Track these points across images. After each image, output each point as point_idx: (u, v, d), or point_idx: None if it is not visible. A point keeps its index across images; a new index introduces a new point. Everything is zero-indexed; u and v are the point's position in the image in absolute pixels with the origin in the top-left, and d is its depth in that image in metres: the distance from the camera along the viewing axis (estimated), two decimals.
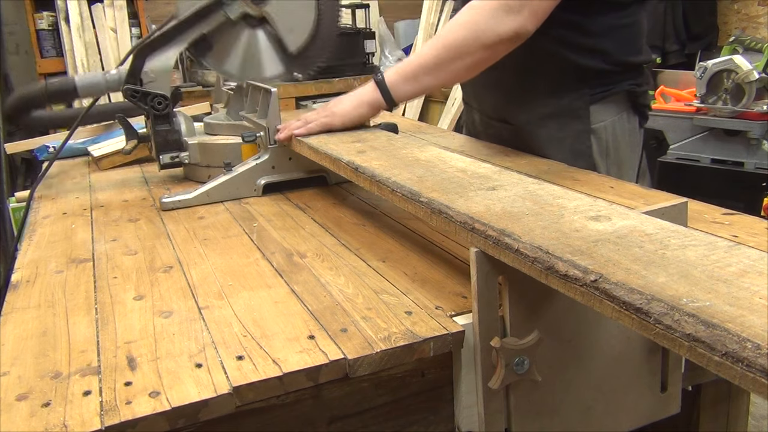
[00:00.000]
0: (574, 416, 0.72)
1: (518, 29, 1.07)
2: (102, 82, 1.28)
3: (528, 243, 0.59)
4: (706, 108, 2.85)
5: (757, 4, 3.50)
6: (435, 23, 3.84)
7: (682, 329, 0.44)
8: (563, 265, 0.55)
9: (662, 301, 0.47)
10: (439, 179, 0.83)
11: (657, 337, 0.46)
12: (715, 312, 0.44)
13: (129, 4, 3.49)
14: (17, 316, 0.77)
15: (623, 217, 0.64)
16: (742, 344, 0.41)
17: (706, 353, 0.43)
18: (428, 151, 0.99)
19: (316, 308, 0.74)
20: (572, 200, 0.70)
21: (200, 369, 0.63)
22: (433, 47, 1.13)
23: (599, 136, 1.25)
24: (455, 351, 0.69)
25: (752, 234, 0.88)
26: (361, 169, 0.92)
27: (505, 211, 0.68)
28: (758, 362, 0.40)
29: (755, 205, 2.65)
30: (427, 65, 1.12)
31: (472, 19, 1.09)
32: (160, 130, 1.27)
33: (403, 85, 1.14)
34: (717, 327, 0.43)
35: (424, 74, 1.13)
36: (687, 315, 0.45)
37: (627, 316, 0.48)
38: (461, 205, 0.72)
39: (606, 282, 0.51)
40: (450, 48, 1.10)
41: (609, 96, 1.24)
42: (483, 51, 1.09)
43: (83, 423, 0.55)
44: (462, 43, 1.09)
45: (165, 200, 1.16)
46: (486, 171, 0.86)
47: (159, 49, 1.23)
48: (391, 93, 1.14)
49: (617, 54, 1.22)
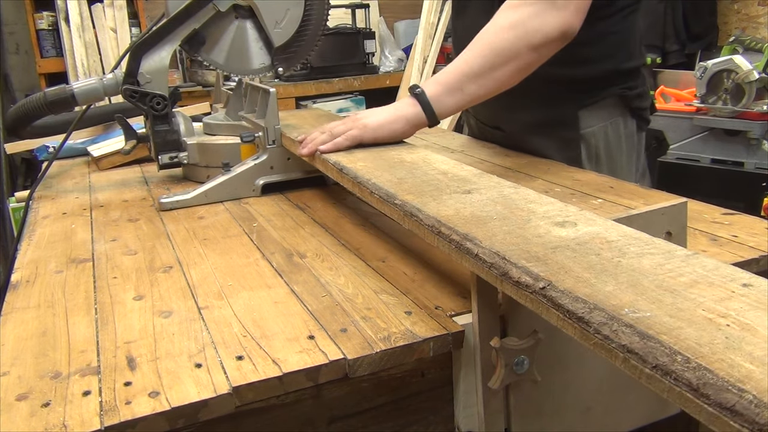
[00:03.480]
0: (574, 416, 0.72)
1: (565, 26, 1.01)
2: (99, 88, 1.28)
3: (487, 248, 0.59)
4: (706, 108, 2.85)
5: (757, 4, 3.50)
6: (435, 23, 3.84)
7: (618, 340, 0.44)
8: (516, 271, 0.54)
9: (604, 311, 0.46)
10: (419, 181, 0.83)
11: (596, 347, 0.46)
12: (653, 323, 0.44)
13: (129, 4, 3.49)
14: (17, 316, 0.77)
15: (589, 223, 0.63)
16: (672, 357, 0.40)
17: (638, 365, 0.42)
18: (415, 153, 0.98)
19: (316, 308, 0.74)
20: (544, 205, 0.70)
21: (200, 369, 0.63)
22: (477, 51, 1.03)
23: (588, 142, 1.24)
24: (455, 351, 0.69)
25: (752, 234, 0.88)
26: (345, 170, 0.92)
27: (473, 216, 0.68)
28: (685, 376, 0.39)
29: (755, 205, 2.65)
30: (472, 72, 1.02)
31: (516, 18, 1.01)
32: (159, 131, 1.27)
33: (446, 96, 1.03)
34: (651, 339, 0.42)
35: (470, 82, 1.02)
36: (625, 325, 0.44)
37: (570, 325, 0.48)
38: (432, 209, 0.72)
39: (553, 290, 0.50)
40: (496, 51, 1.01)
41: (599, 101, 1.22)
42: (531, 53, 1.01)
43: (83, 423, 0.55)
44: (509, 46, 1.01)
45: (163, 200, 1.16)
46: (466, 174, 0.85)
47: (153, 48, 1.22)
48: (432, 107, 1.02)
49: (606, 62, 1.20)
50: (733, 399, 0.36)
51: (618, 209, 0.98)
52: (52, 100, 1.29)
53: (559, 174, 1.19)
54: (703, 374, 0.38)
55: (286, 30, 1.29)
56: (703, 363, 0.39)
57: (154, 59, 1.23)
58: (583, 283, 0.51)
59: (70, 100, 1.28)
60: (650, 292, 0.48)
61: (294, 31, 1.30)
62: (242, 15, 1.29)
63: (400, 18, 4.25)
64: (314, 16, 1.31)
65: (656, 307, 0.46)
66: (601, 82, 1.21)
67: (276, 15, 1.28)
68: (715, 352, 0.40)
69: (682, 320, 0.44)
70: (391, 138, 1.05)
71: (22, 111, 1.32)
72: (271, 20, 1.28)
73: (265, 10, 1.27)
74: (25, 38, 3.52)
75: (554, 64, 1.19)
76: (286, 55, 1.32)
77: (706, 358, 0.39)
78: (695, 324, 0.43)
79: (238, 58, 1.30)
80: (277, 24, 1.28)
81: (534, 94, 1.23)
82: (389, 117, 1.04)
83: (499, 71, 1.02)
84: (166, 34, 1.23)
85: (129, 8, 3.48)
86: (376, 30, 3.93)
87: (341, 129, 1.04)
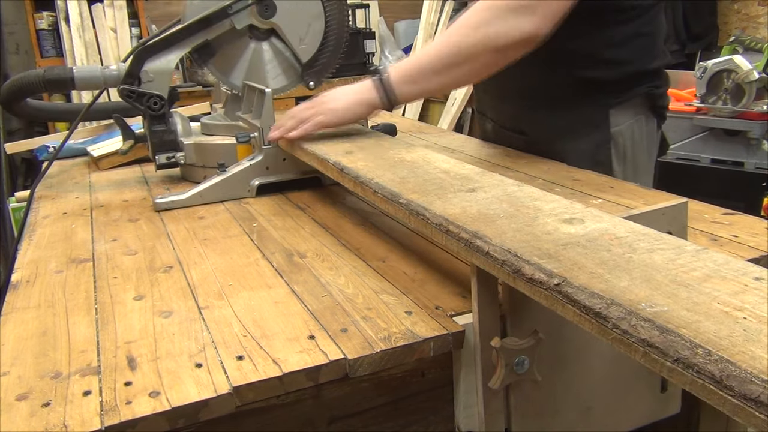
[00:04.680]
0: (574, 416, 0.72)
1: (531, 31, 1.00)
2: (100, 77, 1.28)
3: (498, 246, 0.59)
4: (706, 108, 2.85)
5: (757, 4, 3.50)
6: (435, 23, 3.84)
7: (637, 334, 0.44)
8: (530, 268, 0.55)
9: (621, 306, 0.46)
10: (421, 180, 0.83)
11: (614, 342, 0.46)
12: (671, 317, 0.44)
13: (129, 4, 3.49)
14: (17, 316, 0.77)
15: (597, 219, 0.64)
16: (693, 350, 0.41)
17: (659, 359, 0.42)
18: (415, 152, 0.98)
19: (316, 308, 0.74)
20: (549, 202, 0.70)
21: (200, 369, 0.63)
22: (441, 47, 1.05)
23: (616, 141, 1.22)
24: (455, 351, 0.69)
25: (752, 234, 0.88)
26: (346, 170, 0.92)
27: (481, 213, 0.69)
28: (707, 369, 0.39)
29: (755, 205, 2.65)
30: (433, 66, 1.05)
31: (482, 19, 1.02)
32: (157, 131, 1.27)
33: (406, 85, 1.07)
34: (671, 332, 0.43)
35: (430, 76, 1.05)
36: (643, 320, 0.44)
37: (587, 321, 0.48)
38: (438, 207, 0.72)
39: (569, 286, 0.51)
40: (459, 50, 1.03)
41: (628, 101, 1.21)
42: (493, 54, 1.03)
43: (83, 423, 0.55)
44: (470, 46, 1.02)
45: (158, 201, 1.16)
46: (468, 172, 0.85)
47: (161, 52, 1.23)
48: (393, 93, 1.07)
49: (635, 63, 1.19)
50: (758, 390, 0.37)
51: (618, 209, 0.98)
52: (50, 78, 1.28)
53: (559, 174, 1.19)
54: (726, 366, 0.39)
55: (311, 45, 1.32)
56: (724, 355, 0.39)
57: (161, 61, 1.23)
58: (598, 278, 0.51)
59: (68, 82, 1.27)
60: (665, 286, 0.49)
61: (319, 44, 1.32)
62: (257, 37, 1.30)
63: (400, 18, 4.26)
64: (335, 25, 1.32)
65: (672, 302, 0.46)
66: (630, 82, 1.20)
67: (299, 32, 1.30)
68: (735, 345, 0.40)
69: (699, 314, 0.44)
70: (354, 120, 1.13)
71: (17, 84, 1.30)
72: (294, 38, 1.30)
73: (288, 29, 1.29)
74: (25, 38, 3.52)
75: (583, 67, 1.18)
76: (315, 69, 1.34)
77: (728, 351, 0.40)
78: (713, 317, 0.44)
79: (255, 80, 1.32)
80: (301, 40, 1.30)
81: (561, 96, 1.22)
82: (354, 100, 1.10)
83: (458, 69, 1.04)
84: (176, 41, 1.24)
85: (129, 8, 3.48)
86: (376, 30, 3.93)
87: (307, 114, 1.11)
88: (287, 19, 1.28)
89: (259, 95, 1.24)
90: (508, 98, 1.35)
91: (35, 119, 1.68)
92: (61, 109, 1.61)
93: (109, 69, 1.28)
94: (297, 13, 1.29)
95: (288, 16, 1.28)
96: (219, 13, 1.23)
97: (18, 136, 3.45)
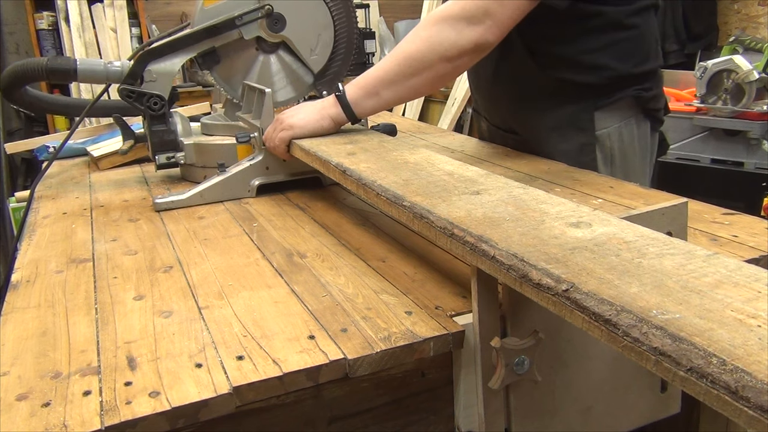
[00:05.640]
0: (574, 416, 0.72)
1: (479, 41, 1.04)
2: (103, 72, 1.28)
3: (504, 250, 0.58)
4: (706, 108, 2.85)
5: (758, 4, 3.50)
6: None
7: (649, 342, 0.43)
8: (537, 273, 0.54)
9: (632, 313, 0.45)
10: (425, 183, 0.82)
11: (625, 349, 0.45)
12: (683, 325, 0.43)
13: (129, 4, 3.49)
14: (17, 316, 0.77)
15: (604, 223, 0.63)
16: (707, 359, 0.39)
17: (671, 368, 0.41)
18: (418, 154, 0.98)
19: (316, 308, 0.74)
20: (555, 205, 0.69)
21: (200, 369, 0.63)
22: (393, 60, 1.09)
23: (603, 144, 1.23)
24: (455, 351, 0.69)
25: (752, 234, 0.88)
26: (349, 172, 0.91)
27: (486, 217, 0.68)
28: (722, 379, 0.38)
29: (755, 205, 2.65)
30: (387, 78, 1.09)
31: (432, 30, 1.05)
32: (156, 131, 1.27)
33: (363, 100, 1.10)
34: (684, 341, 0.41)
35: (384, 88, 1.09)
36: (655, 328, 0.43)
37: (596, 327, 0.47)
38: (443, 210, 0.71)
39: (577, 292, 0.49)
40: (410, 61, 1.06)
41: (613, 103, 1.22)
42: (444, 64, 1.06)
43: (83, 423, 0.55)
44: (422, 57, 1.05)
45: (158, 201, 1.16)
46: (472, 174, 0.85)
47: (165, 56, 1.23)
48: (352, 108, 1.11)
49: (619, 67, 1.19)
50: None
51: (618, 209, 0.98)
52: (52, 67, 1.27)
53: (559, 174, 1.19)
54: (741, 376, 0.38)
55: (322, 55, 1.32)
56: (740, 365, 0.38)
57: (165, 63, 1.23)
58: (607, 284, 0.50)
59: (70, 73, 1.27)
60: (676, 293, 0.47)
61: (329, 53, 1.33)
62: (265, 49, 1.30)
63: (400, 18, 4.26)
64: (344, 33, 1.33)
65: (684, 309, 0.45)
66: (616, 85, 1.21)
67: (309, 43, 1.31)
68: (750, 354, 0.39)
69: (712, 321, 0.43)
70: (320, 134, 1.15)
71: (19, 70, 1.30)
72: (306, 49, 1.31)
73: (298, 41, 1.30)
74: (25, 38, 3.52)
75: (567, 70, 1.19)
76: (327, 78, 1.35)
77: (743, 360, 0.39)
78: (726, 325, 0.42)
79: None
80: (312, 51, 1.31)
81: (548, 96, 1.23)
82: (315, 115, 1.14)
83: (413, 80, 1.08)
84: (182, 45, 1.24)
85: (129, 8, 3.49)
86: (376, 30, 3.93)
87: (270, 131, 1.17)
88: (297, 31, 1.29)
89: (259, 95, 1.24)
90: (499, 99, 1.37)
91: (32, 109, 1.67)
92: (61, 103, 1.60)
93: (113, 65, 1.28)
94: (306, 24, 1.29)
95: (298, 28, 1.28)
96: (227, 23, 1.24)
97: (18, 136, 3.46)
